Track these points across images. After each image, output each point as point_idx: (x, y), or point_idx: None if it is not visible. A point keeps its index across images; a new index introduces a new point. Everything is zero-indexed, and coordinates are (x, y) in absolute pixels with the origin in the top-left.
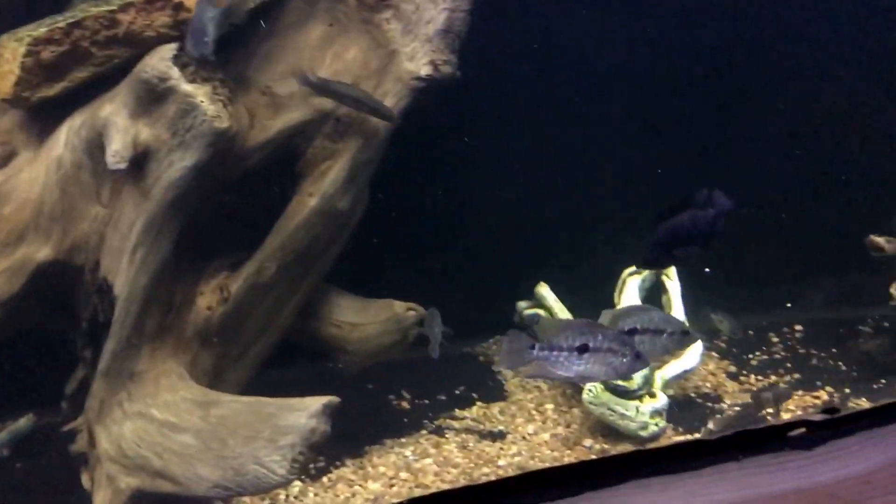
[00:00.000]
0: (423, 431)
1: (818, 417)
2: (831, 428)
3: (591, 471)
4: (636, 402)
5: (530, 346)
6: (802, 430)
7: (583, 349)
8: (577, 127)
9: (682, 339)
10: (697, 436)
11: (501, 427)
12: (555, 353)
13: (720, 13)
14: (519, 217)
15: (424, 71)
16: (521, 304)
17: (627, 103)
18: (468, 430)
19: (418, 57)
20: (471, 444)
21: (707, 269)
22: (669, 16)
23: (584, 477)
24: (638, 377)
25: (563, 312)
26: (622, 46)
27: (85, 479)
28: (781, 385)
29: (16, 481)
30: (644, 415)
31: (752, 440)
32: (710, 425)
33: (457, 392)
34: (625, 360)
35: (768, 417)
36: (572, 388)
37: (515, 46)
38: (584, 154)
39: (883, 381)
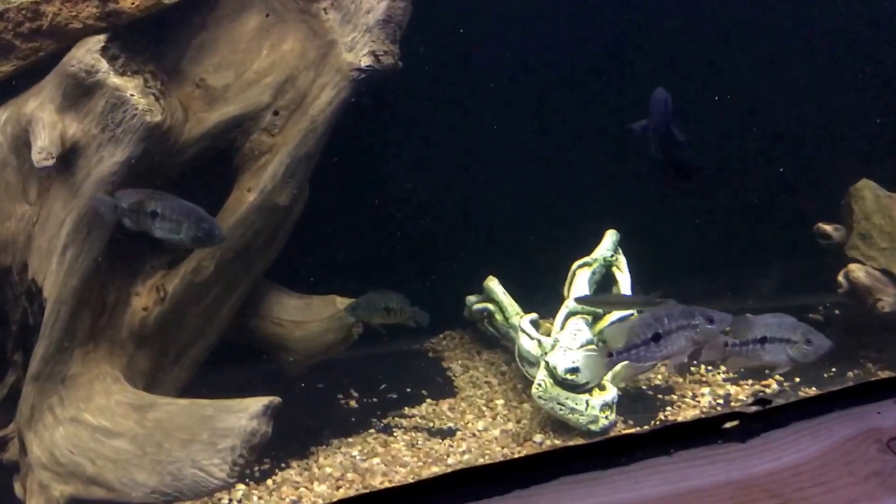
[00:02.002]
0: (371, 430)
1: (751, 409)
2: (764, 420)
3: (520, 468)
4: (586, 396)
5: (608, 354)
6: (736, 422)
7: (656, 338)
8: (524, 120)
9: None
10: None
11: (451, 424)
12: (633, 352)
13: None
14: (467, 211)
15: (364, 62)
16: (471, 298)
17: (572, 96)
18: (417, 428)
19: (358, 48)
20: (420, 442)
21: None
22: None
23: (513, 474)
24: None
25: (512, 306)
26: (571, 37)
27: (17, 488)
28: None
29: None
30: (594, 408)
31: (684, 433)
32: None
33: (406, 389)
34: (698, 329)
35: None
36: (522, 384)
37: (461, 35)
38: (532, 148)
39: (833, 369)
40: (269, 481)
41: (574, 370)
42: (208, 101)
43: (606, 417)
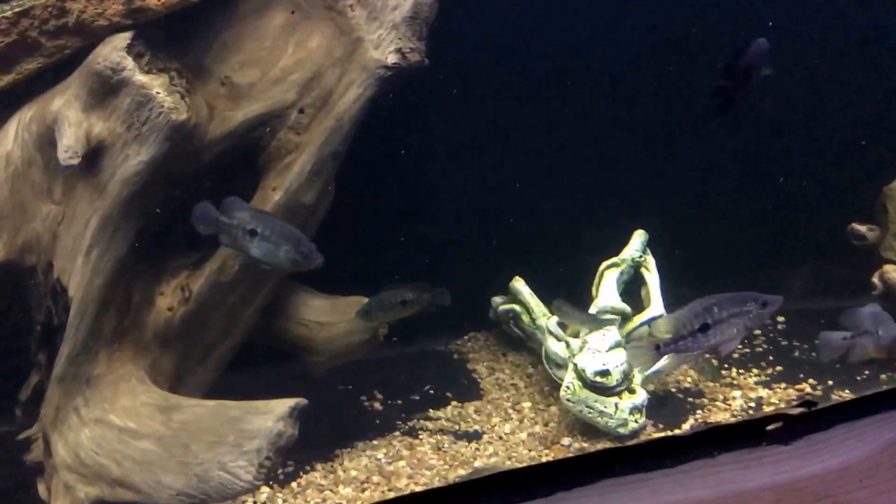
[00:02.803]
0: (396, 433)
1: (795, 411)
2: (809, 422)
3: (564, 470)
4: (615, 399)
5: (655, 347)
6: (779, 424)
7: (704, 328)
8: (553, 120)
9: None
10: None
11: (477, 427)
12: (680, 343)
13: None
14: (493, 211)
15: (391, 59)
16: (496, 299)
17: (604, 95)
18: (443, 431)
19: (384, 45)
20: (446, 445)
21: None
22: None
23: (557, 476)
24: (617, 373)
25: (539, 307)
26: (599, 36)
27: (41, 489)
28: None
29: None
30: (623, 411)
31: (727, 435)
32: None
33: (431, 391)
34: (751, 315)
35: None
36: (549, 386)
37: (490, 33)
38: (560, 147)
39: (866, 371)
40: (294, 484)
41: (604, 372)
42: (233, 99)
43: (636, 421)
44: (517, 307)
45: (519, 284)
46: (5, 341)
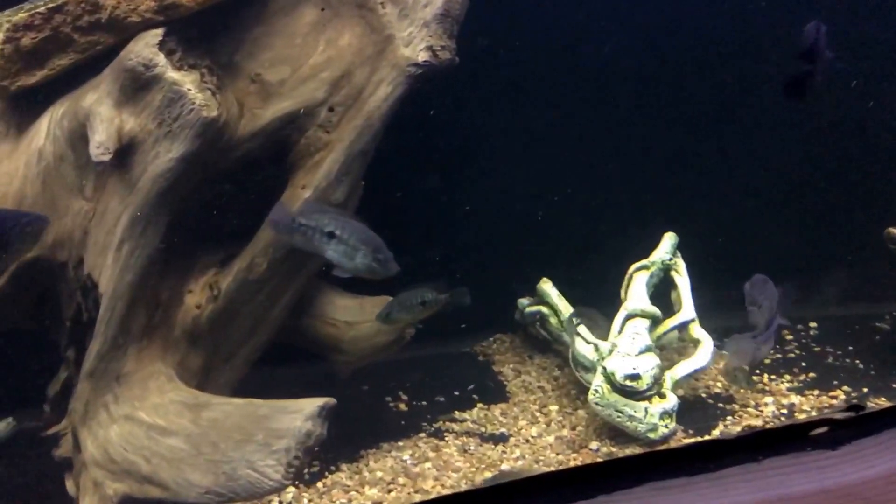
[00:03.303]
0: (422, 434)
1: (841, 416)
2: (855, 426)
3: (604, 473)
4: (645, 403)
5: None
6: (825, 429)
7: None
8: (580, 120)
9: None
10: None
11: (503, 429)
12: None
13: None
14: (521, 211)
15: (422, 57)
16: (523, 301)
17: (632, 95)
18: (469, 433)
19: (415, 42)
20: (472, 448)
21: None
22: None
23: (597, 479)
24: (647, 377)
25: (566, 310)
26: (628, 36)
27: (70, 485)
28: None
29: None
30: (653, 416)
31: (772, 439)
32: None
33: (456, 393)
34: None
35: None
36: (577, 389)
37: (518, 32)
38: (587, 148)
39: None
40: (320, 484)
41: (634, 376)
42: (263, 97)
43: (666, 426)
44: (544, 309)
45: (547, 286)
46: (34, 337)
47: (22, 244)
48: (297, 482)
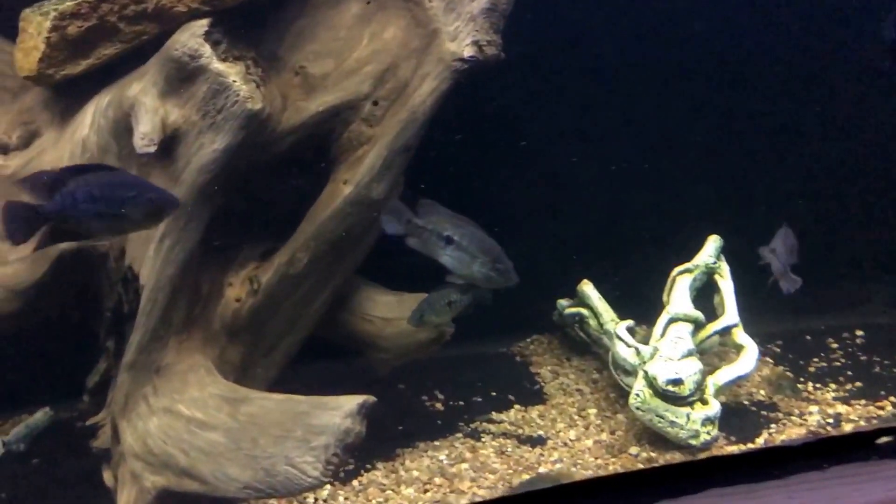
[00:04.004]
0: (458, 434)
1: None
2: None
3: (667, 477)
4: (687, 409)
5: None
6: (890, 438)
7: None
8: (623, 121)
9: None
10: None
11: (541, 432)
12: None
13: None
14: (562, 211)
15: (468, 52)
16: (563, 302)
17: (677, 96)
18: (506, 435)
19: (461, 37)
20: (509, 449)
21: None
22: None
23: (659, 484)
24: (690, 382)
25: (607, 312)
26: (673, 35)
27: (107, 477)
28: None
29: (33, 477)
30: (695, 422)
31: (837, 448)
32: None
33: (493, 393)
34: None
35: None
36: (616, 393)
37: (558, 29)
38: (629, 149)
39: None
40: (355, 482)
41: (676, 381)
42: (307, 90)
43: (708, 433)
44: (584, 311)
45: (587, 288)
46: (73, 327)
47: (140, 217)
48: (332, 479)
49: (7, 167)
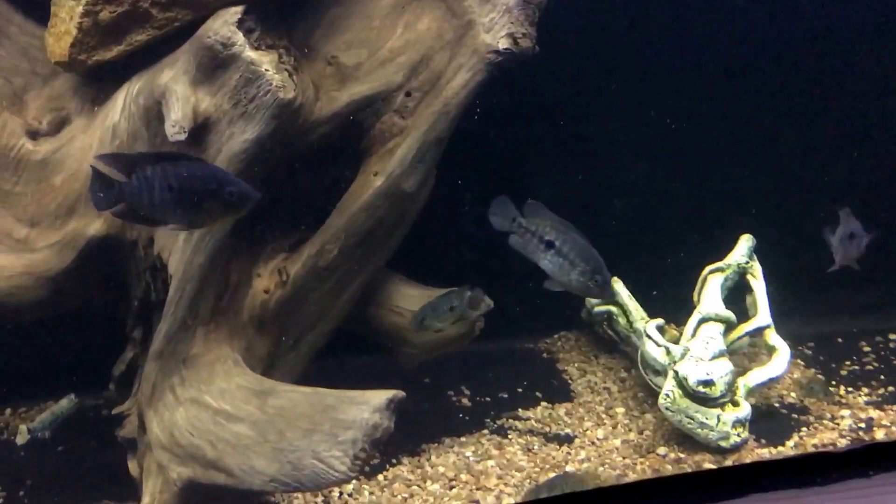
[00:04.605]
0: (485, 431)
1: None
2: None
3: (706, 481)
4: (717, 411)
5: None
6: None
7: None
8: (653, 118)
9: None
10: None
11: (568, 430)
12: None
13: None
14: (591, 208)
15: (502, 44)
16: (592, 299)
17: (707, 95)
18: (532, 432)
19: (496, 29)
20: (536, 447)
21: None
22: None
23: (699, 488)
24: (721, 383)
25: (637, 310)
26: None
27: (132, 467)
28: None
29: (58, 465)
30: (726, 424)
31: (882, 454)
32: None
33: (519, 390)
34: None
35: None
36: (644, 392)
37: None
38: (661, 147)
39: None
40: (381, 477)
41: (707, 382)
42: (339, 80)
43: (738, 435)
44: (614, 308)
45: (617, 286)
46: (101, 315)
47: (217, 211)
48: (359, 475)
49: (37, 153)
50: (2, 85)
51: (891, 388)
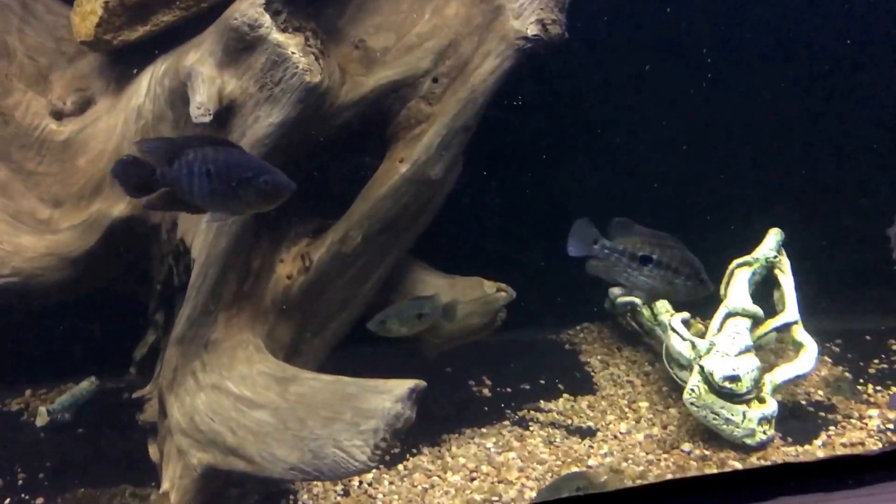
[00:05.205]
0: (506, 422)
1: None
2: None
3: (733, 483)
4: (743, 407)
5: None
6: None
7: None
8: (681, 109)
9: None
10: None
11: (591, 423)
12: None
13: None
14: (613, 198)
15: (531, 30)
16: (615, 290)
17: (739, 87)
18: (554, 424)
19: (525, 14)
20: (557, 440)
21: None
22: None
23: (726, 489)
24: (747, 379)
25: (662, 303)
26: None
27: (152, 451)
28: None
29: (78, 447)
30: (752, 421)
31: None
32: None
33: (541, 381)
34: None
35: None
36: (669, 386)
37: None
38: (688, 137)
39: None
40: (401, 466)
41: (734, 378)
42: (366, 64)
43: (764, 432)
44: (637, 300)
45: None
46: (123, 298)
47: (253, 199)
48: (380, 465)
49: (61, 133)
50: (27, 64)
51: None
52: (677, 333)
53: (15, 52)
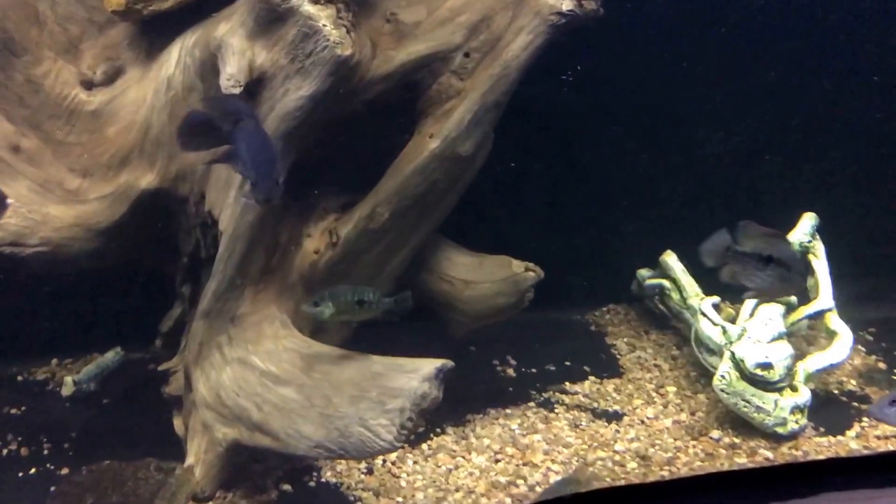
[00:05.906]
0: (531, 403)
1: None
2: None
3: (772, 477)
4: (775, 395)
5: None
6: None
7: None
8: (713, 94)
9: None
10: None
11: (617, 407)
12: None
13: None
14: (646, 178)
15: (566, 5)
16: (643, 272)
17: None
18: (580, 407)
19: None
20: (583, 423)
21: None
22: None
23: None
24: (780, 367)
25: (691, 286)
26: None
27: (177, 425)
28: None
29: (103, 418)
30: (783, 410)
31: None
32: None
33: (567, 363)
34: None
35: None
36: (697, 372)
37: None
38: (717, 122)
39: None
40: (425, 446)
41: (766, 366)
42: (397, 38)
43: (797, 422)
44: (666, 283)
45: (671, 259)
46: (150, 270)
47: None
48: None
49: (90, 103)
50: (58, 32)
51: None
52: (707, 318)
53: (46, 20)
